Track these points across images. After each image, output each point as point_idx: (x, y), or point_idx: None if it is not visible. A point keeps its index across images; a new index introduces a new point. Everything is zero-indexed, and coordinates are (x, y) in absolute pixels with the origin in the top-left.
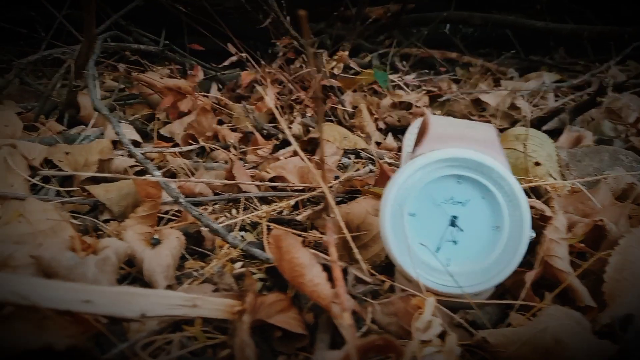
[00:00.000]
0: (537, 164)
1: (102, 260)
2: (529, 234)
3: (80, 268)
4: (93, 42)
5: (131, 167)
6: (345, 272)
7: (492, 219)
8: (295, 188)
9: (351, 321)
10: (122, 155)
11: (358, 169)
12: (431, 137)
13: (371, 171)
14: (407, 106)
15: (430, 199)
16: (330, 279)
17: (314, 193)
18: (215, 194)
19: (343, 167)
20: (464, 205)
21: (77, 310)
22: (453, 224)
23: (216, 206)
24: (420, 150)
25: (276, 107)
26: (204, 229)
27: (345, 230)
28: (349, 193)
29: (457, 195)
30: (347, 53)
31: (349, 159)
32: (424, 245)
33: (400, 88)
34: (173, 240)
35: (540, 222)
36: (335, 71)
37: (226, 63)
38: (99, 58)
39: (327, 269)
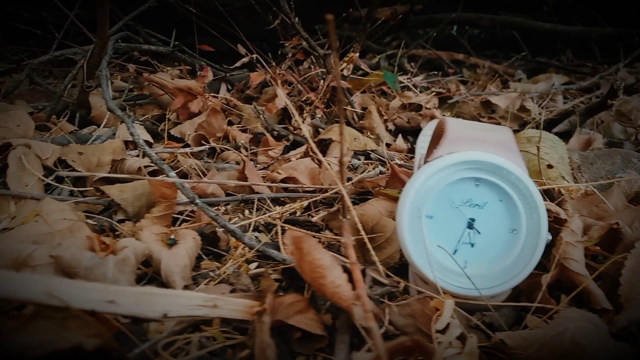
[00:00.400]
0: (550, 166)
1: (122, 260)
2: (546, 236)
3: (100, 268)
4: (106, 43)
5: (145, 167)
6: (363, 273)
7: (509, 222)
8: (307, 189)
9: (375, 323)
10: (136, 156)
11: (368, 170)
12: (449, 139)
13: (381, 172)
14: (417, 107)
15: (448, 202)
16: (350, 280)
17: (328, 194)
18: (227, 194)
19: (353, 169)
20: (481, 207)
21: (101, 310)
22: (470, 226)
23: (228, 207)
24: (438, 152)
25: (291, 107)
26: (219, 230)
27: (362, 233)
28: (360, 194)
29: (474, 197)
30: (357, 54)
31: (359, 160)
32: (441, 248)
33: (409, 89)
34: (189, 240)
35: (554, 224)
36: (345, 72)
37: (238, 64)
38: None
39: (345, 270)
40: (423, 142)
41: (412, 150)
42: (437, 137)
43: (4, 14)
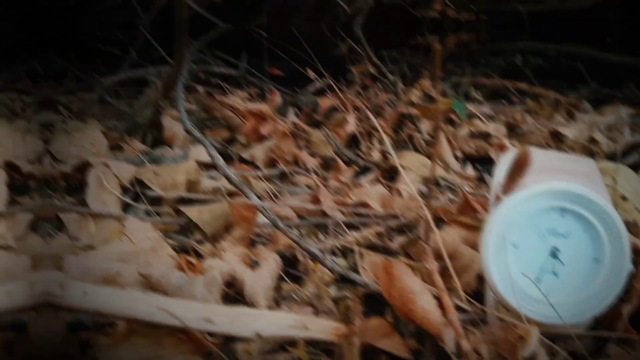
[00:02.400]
0: (624, 198)
1: (210, 280)
2: (629, 267)
3: (188, 287)
4: (182, 64)
5: (224, 188)
6: None
7: (593, 252)
8: (380, 215)
9: (470, 347)
10: (210, 178)
11: (437, 198)
12: (535, 169)
13: (450, 200)
14: (485, 136)
15: (532, 231)
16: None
17: (404, 221)
18: (299, 217)
19: (423, 196)
20: (565, 237)
21: (198, 328)
22: (554, 255)
23: (302, 230)
24: (524, 182)
25: (360, 133)
26: (298, 252)
27: (446, 259)
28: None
29: (559, 227)
30: (428, 82)
31: (427, 187)
32: (525, 276)
33: (476, 117)
34: (271, 262)
35: (634, 256)
36: (414, 99)
37: (310, 89)
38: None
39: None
40: (501, 170)
41: (481, 179)
42: (518, 166)
43: (83, 33)
